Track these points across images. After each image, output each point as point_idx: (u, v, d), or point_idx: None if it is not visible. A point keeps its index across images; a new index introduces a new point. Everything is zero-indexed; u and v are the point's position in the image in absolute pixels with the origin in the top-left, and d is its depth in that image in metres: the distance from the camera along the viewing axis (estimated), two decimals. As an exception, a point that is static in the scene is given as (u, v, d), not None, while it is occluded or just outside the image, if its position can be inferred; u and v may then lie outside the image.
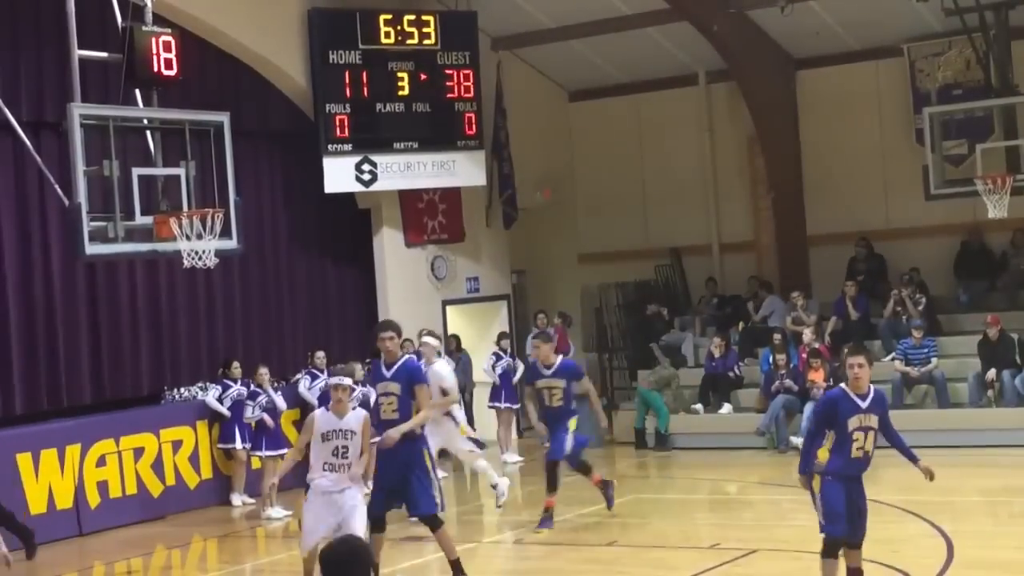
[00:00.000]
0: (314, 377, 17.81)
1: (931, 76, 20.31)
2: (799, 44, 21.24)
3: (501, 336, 20.12)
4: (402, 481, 11.26)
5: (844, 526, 9.79)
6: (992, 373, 18.09)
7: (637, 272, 22.53)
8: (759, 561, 12.21)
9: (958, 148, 19.00)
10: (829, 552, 9.86)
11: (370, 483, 11.65)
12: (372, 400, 17.73)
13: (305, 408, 17.27)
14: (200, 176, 12.22)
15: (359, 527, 10.51)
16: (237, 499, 16.92)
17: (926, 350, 18.77)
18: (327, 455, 10.53)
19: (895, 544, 12.48)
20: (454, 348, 20.37)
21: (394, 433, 11.14)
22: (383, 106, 19.49)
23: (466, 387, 20.46)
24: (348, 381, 10.70)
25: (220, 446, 17.01)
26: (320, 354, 17.97)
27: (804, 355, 19.06)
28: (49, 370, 16.25)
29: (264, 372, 16.80)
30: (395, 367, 11.44)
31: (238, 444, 16.74)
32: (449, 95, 19.98)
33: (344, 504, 10.52)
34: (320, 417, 10.62)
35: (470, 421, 20.94)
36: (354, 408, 10.80)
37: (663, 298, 22.27)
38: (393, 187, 19.84)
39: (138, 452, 16.18)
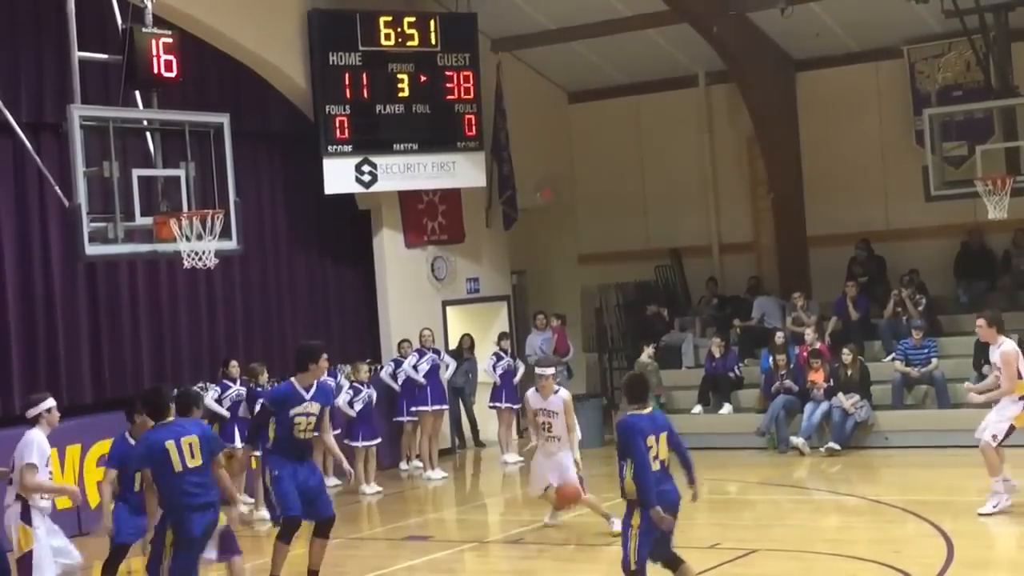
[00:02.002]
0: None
1: (931, 78, 20.33)
2: (799, 45, 21.25)
3: (501, 336, 20.13)
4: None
5: None
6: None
7: (637, 273, 22.53)
8: (759, 561, 12.22)
9: (958, 149, 19.00)
10: None
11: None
12: (373, 401, 17.91)
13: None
14: (200, 177, 12.20)
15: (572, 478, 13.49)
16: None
17: (926, 350, 18.77)
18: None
19: (895, 544, 12.51)
20: (467, 347, 20.39)
21: None
22: (383, 107, 19.50)
23: (465, 389, 20.50)
24: (551, 371, 13.77)
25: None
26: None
27: (804, 354, 19.06)
28: (49, 370, 16.24)
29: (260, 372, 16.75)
30: (314, 389, 11.68)
31: (237, 444, 16.72)
32: (449, 96, 19.99)
33: (561, 463, 13.49)
34: (531, 397, 13.74)
35: (474, 423, 21.06)
36: (556, 392, 13.56)
37: (663, 299, 22.29)
38: (393, 188, 19.85)
39: (138, 452, 16.14)
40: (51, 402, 11.07)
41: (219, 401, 16.57)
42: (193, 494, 9.91)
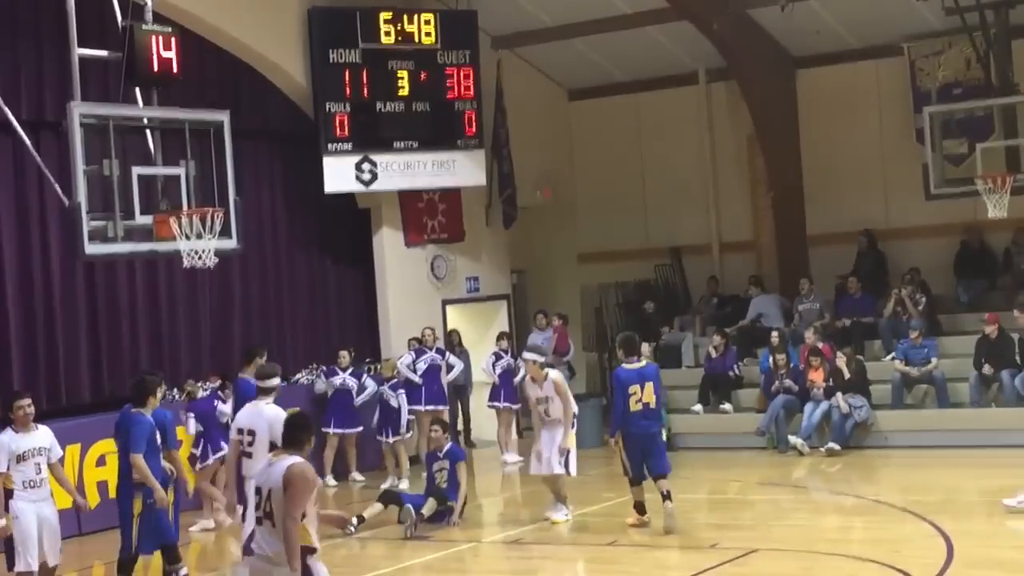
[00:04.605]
0: (332, 374, 18.26)
1: (931, 75, 20.29)
2: (799, 43, 21.24)
3: (501, 336, 20.09)
4: None
5: None
6: (989, 369, 18.06)
7: (637, 272, 22.52)
8: (759, 561, 12.20)
9: (958, 147, 18.97)
10: None
11: None
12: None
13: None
14: (200, 175, 12.19)
15: None
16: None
17: (926, 350, 18.73)
18: None
19: (895, 544, 12.49)
20: (456, 343, 20.37)
21: None
22: (383, 105, 19.47)
23: (466, 386, 20.46)
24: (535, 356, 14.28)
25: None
26: (343, 354, 18.21)
27: (806, 353, 19.05)
28: (49, 370, 16.22)
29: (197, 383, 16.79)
30: None
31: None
32: (449, 94, 19.96)
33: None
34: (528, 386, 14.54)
35: (468, 421, 21.00)
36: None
37: (659, 297, 22.26)
38: (393, 187, 19.82)
39: (138, 452, 16.08)
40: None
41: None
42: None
